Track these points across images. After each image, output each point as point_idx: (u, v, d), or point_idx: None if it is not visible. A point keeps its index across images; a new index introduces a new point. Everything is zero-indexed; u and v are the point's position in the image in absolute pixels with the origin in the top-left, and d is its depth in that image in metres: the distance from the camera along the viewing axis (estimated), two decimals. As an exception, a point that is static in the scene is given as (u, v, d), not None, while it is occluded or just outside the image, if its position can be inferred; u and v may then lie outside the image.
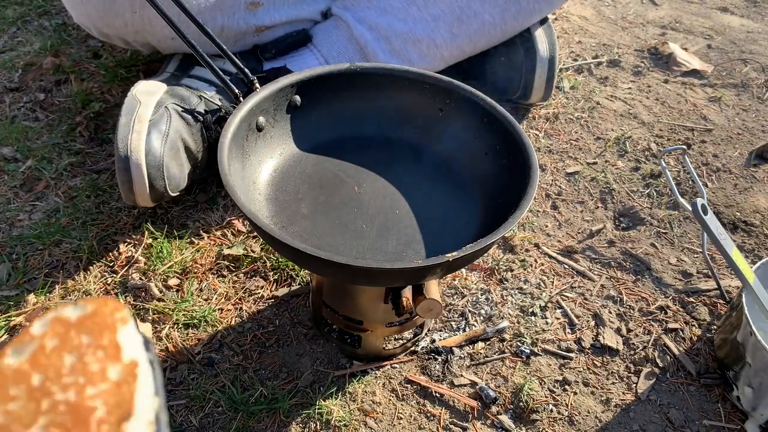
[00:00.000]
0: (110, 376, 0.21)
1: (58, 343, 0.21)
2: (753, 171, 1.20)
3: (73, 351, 0.21)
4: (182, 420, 0.75)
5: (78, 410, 0.20)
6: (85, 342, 0.22)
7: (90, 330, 0.22)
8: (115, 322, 0.22)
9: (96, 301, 0.23)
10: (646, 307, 0.93)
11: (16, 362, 0.21)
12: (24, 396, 0.20)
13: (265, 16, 1.07)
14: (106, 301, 0.23)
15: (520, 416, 0.78)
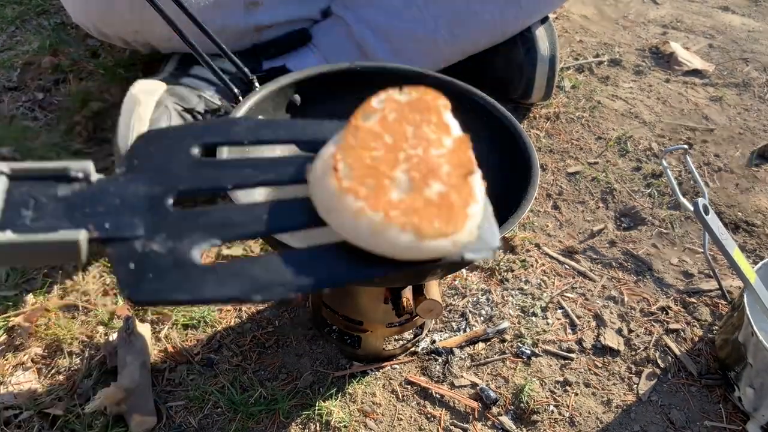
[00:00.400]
0: (446, 144, 0.25)
1: (397, 115, 0.25)
2: (755, 171, 1.19)
3: (410, 123, 0.25)
4: (181, 421, 0.75)
5: (428, 162, 0.24)
6: (418, 118, 0.25)
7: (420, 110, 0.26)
8: (438, 107, 0.26)
9: (419, 90, 0.26)
10: (647, 308, 0.93)
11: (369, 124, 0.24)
12: (382, 148, 0.23)
13: (264, 16, 1.07)
14: (427, 90, 0.26)
15: (520, 417, 0.78)
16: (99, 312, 0.86)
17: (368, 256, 0.22)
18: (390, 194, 0.22)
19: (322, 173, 0.23)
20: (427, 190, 0.23)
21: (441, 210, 0.22)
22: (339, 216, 0.22)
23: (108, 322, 0.85)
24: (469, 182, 0.24)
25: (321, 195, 0.23)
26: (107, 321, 0.85)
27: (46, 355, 0.81)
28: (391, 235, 0.21)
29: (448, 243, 0.22)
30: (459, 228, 0.22)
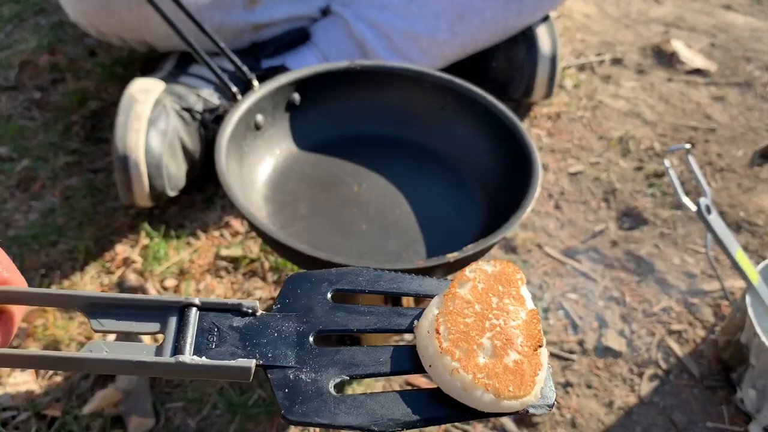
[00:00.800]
0: (521, 316, 0.30)
1: (485, 286, 0.31)
2: (757, 170, 1.19)
3: (495, 294, 0.31)
4: (179, 422, 0.74)
5: (507, 333, 0.29)
6: (501, 290, 0.31)
7: (502, 282, 0.32)
8: (517, 280, 0.32)
9: (502, 263, 0.33)
10: (649, 309, 0.92)
11: (463, 293, 0.31)
12: (473, 315, 0.30)
13: (263, 14, 1.06)
14: (509, 263, 0.33)
15: (521, 419, 0.77)
16: (97, 313, 0.85)
17: (456, 403, 0.28)
18: (477, 358, 0.28)
19: (427, 333, 0.29)
20: (506, 357, 0.29)
21: (516, 376, 0.28)
22: (438, 371, 0.28)
23: (106, 323, 0.84)
24: (537, 354, 0.29)
25: (425, 351, 0.29)
26: (105, 322, 0.84)
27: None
28: (477, 394, 0.27)
29: (518, 403, 0.28)
30: (528, 392, 0.28)
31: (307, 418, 0.26)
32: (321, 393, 0.27)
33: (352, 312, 0.30)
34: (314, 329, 0.29)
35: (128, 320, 0.27)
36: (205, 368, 0.26)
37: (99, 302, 0.27)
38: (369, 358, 0.29)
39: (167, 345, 0.26)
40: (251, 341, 0.28)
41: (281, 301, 0.30)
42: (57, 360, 0.26)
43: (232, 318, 0.28)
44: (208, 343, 0.27)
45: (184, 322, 0.27)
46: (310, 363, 0.28)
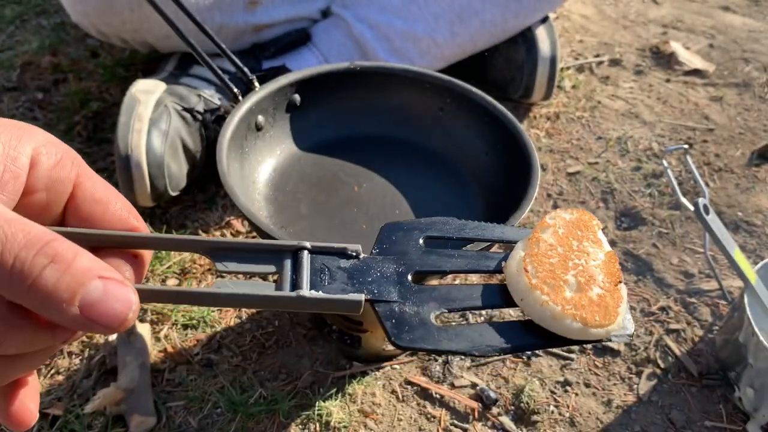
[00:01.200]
0: (599, 257, 0.33)
1: (565, 231, 0.34)
2: (755, 171, 1.19)
3: (574, 238, 0.34)
4: (181, 421, 0.74)
5: (589, 271, 0.32)
6: (580, 234, 0.34)
7: (580, 228, 0.34)
8: (593, 226, 0.35)
9: (578, 211, 0.36)
10: (647, 308, 0.93)
11: (546, 237, 0.33)
12: (557, 256, 0.33)
13: (264, 15, 1.07)
14: (584, 211, 0.36)
15: (521, 417, 0.78)
16: (98, 312, 0.86)
17: (547, 333, 0.31)
18: (564, 293, 0.31)
19: (516, 271, 0.32)
20: (590, 292, 0.32)
21: (600, 308, 0.31)
22: (529, 304, 0.31)
23: (107, 322, 0.85)
24: (618, 289, 0.32)
25: (515, 287, 0.32)
26: (107, 321, 0.85)
27: (45, 355, 0.81)
28: (566, 323, 0.30)
29: (603, 331, 0.31)
30: (612, 322, 0.31)
31: (415, 343, 0.29)
32: (424, 323, 0.30)
33: (443, 255, 0.33)
34: (411, 270, 0.32)
35: (248, 263, 0.29)
36: (322, 301, 0.28)
37: (221, 247, 0.29)
38: (463, 294, 0.32)
39: (285, 282, 0.29)
40: (358, 279, 0.30)
41: (379, 246, 0.33)
42: (192, 295, 0.28)
43: (338, 260, 0.31)
44: (321, 281, 0.30)
45: (298, 263, 0.29)
46: (412, 298, 0.30)
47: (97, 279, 0.23)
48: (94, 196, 0.28)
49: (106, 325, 0.23)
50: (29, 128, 0.27)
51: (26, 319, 0.24)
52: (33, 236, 0.23)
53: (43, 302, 0.23)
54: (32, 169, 0.26)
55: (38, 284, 0.22)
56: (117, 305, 0.23)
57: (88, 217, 0.28)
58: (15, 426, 0.28)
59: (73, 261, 0.23)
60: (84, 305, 0.23)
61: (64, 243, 0.23)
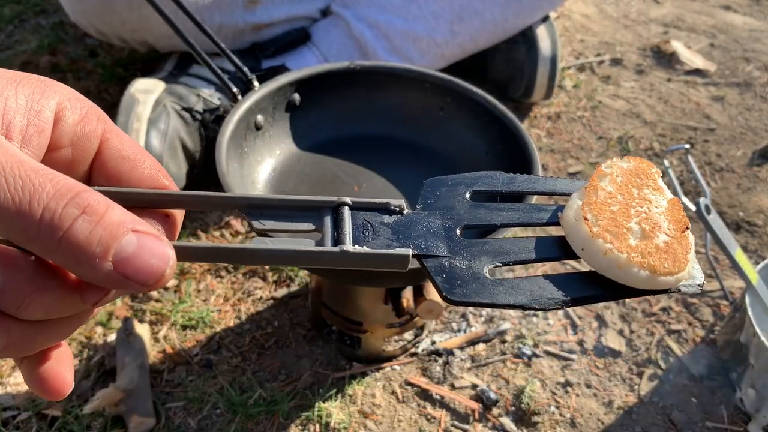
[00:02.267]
0: (662, 204, 0.31)
1: (623, 179, 0.32)
2: (756, 170, 1.19)
3: (634, 185, 0.32)
4: (180, 422, 0.74)
5: (652, 218, 0.30)
6: (639, 182, 0.32)
7: (639, 176, 0.32)
8: (653, 173, 0.33)
9: (635, 159, 0.33)
10: (648, 308, 0.92)
11: (604, 185, 0.32)
12: (617, 204, 0.31)
13: (263, 14, 1.06)
14: (642, 160, 0.34)
15: (521, 418, 0.77)
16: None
17: (612, 283, 0.29)
18: (629, 240, 0.29)
19: (575, 220, 0.30)
20: (656, 239, 0.30)
21: (668, 255, 0.29)
22: (592, 254, 0.29)
23: (106, 323, 0.84)
24: (686, 235, 0.30)
25: (575, 236, 0.30)
26: (106, 322, 0.84)
27: (44, 355, 0.81)
28: (633, 272, 0.28)
29: (672, 279, 0.29)
30: (682, 269, 0.29)
31: (468, 298, 0.27)
32: (477, 277, 0.28)
33: (492, 209, 0.31)
34: (459, 224, 0.30)
35: (286, 220, 0.28)
36: (367, 256, 0.27)
37: (258, 203, 0.28)
38: (518, 247, 0.30)
39: (327, 238, 0.27)
40: (403, 235, 0.29)
41: (423, 202, 0.31)
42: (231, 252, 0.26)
43: (381, 216, 0.29)
44: (364, 236, 0.28)
45: (339, 220, 0.28)
46: (462, 252, 0.29)
47: (131, 233, 0.22)
48: (122, 153, 0.27)
49: (142, 281, 0.22)
50: (52, 82, 0.26)
51: (53, 280, 0.22)
52: (62, 186, 0.21)
53: (75, 257, 0.21)
54: (57, 124, 0.25)
55: (69, 237, 0.21)
56: (153, 260, 0.22)
57: (116, 174, 0.27)
58: (50, 395, 0.26)
59: (105, 213, 0.22)
60: (118, 260, 0.21)
61: (94, 194, 0.22)
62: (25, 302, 0.22)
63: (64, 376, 0.26)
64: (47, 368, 0.26)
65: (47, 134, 0.24)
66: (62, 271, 0.23)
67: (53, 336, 0.24)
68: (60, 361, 0.26)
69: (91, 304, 0.23)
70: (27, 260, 0.22)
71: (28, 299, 0.22)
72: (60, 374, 0.26)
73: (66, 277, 0.23)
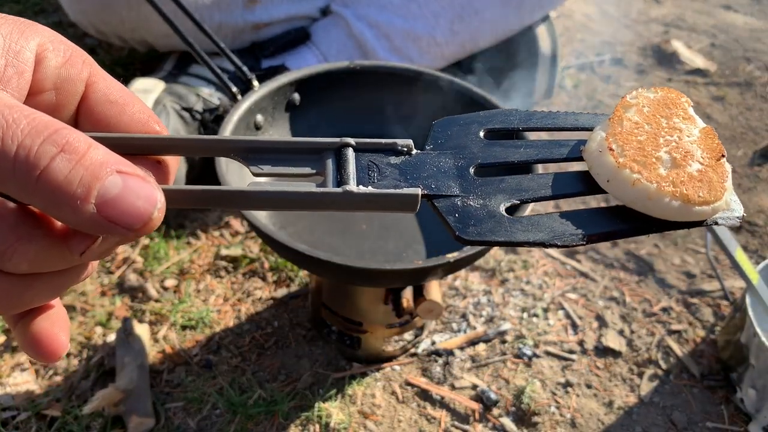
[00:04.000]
0: (694, 133, 0.29)
1: (650, 109, 0.30)
2: (757, 170, 1.19)
3: (663, 116, 0.30)
4: (180, 422, 0.74)
5: (684, 147, 0.28)
6: (668, 112, 0.30)
7: (668, 105, 0.30)
8: (683, 103, 0.31)
9: (664, 89, 0.31)
10: (649, 309, 0.92)
11: (630, 115, 0.29)
12: (645, 134, 0.28)
13: (263, 13, 1.06)
14: (671, 90, 0.31)
15: (521, 418, 0.77)
16: (97, 313, 0.85)
17: (642, 216, 0.27)
18: (659, 170, 0.27)
19: (599, 152, 0.28)
20: (688, 167, 0.27)
21: (703, 183, 0.27)
22: (618, 185, 0.27)
23: (106, 323, 0.84)
24: (722, 163, 0.28)
25: (600, 168, 0.28)
26: (105, 322, 0.84)
27: (43, 355, 0.81)
28: (664, 202, 0.26)
29: (709, 209, 0.26)
30: (719, 198, 0.26)
31: (483, 236, 0.26)
32: (493, 215, 0.26)
33: (509, 146, 0.29)
34: (473, 163, 0.28)
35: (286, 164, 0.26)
36: (372, 197, 0.25)
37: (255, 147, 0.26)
38: (537, 183, 0.28)
39: (329, 180, 0.26)
40: (412, 175, 0.27)
41: (433, 142, 0.29)
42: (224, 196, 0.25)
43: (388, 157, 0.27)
44: (370, 178, 0.26)
45: (342, 161, 0.26)
46: (476, 191, 0.27)
47: (116, 174, 0.20)
48: (109, 97, 0.25)
49: (127, 225, 0.20)
50: (33, 23, 0.24)
51: (38, 229, 0.21)
52: (39, 123, 0.20)
53: (54, 199, 0.20)
54: (38, 66, 0.24)
55: (47, 176, 0.19)
56: (139, 202, 0.20)
57: (103, 119, 0.25)
58: (43, 357, 0.25)
59: (86, 152, 0.20)
60: (101, 203, 0.20)
61: (75, 132, 0.20)
62: (8, 252, 0.21)
63: (58, 337, 0.25)
64: (41, 329, 0.25)
65: (28, 76, 0.23)
66: (48, 220, 0.22)
67: (43, 292, 0.23)
68: (54, 322, 0.25)
69: (78, 253, 0.22)
70: (8, 208, 0.21)
71: (12, 249, 0.21)
72: (54, 335, 0.25)
73: (52, 227, 0.22)
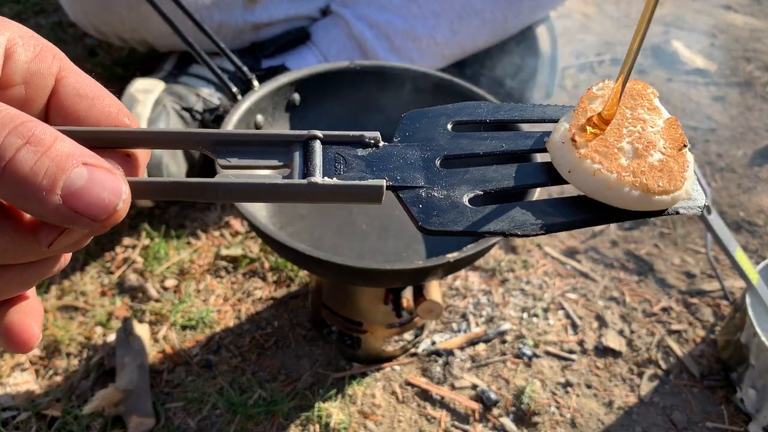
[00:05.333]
0: (658, 123, 0.29)
1: None
2: (757, 170, 1.19)
3: (627, 106, 0.30)
4: (180, 422, 0.74)
5: (647, 137, 0.28)
6: (633, 103, 0.30)
7: (633, 96, 0.30)
8: (649, 94, 0.31)
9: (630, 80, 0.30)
10: (649, 308, 0.92)
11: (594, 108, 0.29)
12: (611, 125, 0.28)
13: (263, 13, 1.06)
14: (637, 80, 0.31)
15: (521, 419, 0.77)
16: (97, 313, 0.85)
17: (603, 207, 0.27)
18: (620, 160, 0.27)
19: (562, 143, 0.28)
20: (650, 157, 0.28)
21: (663, 173, 0.27)
22: (579, 176, 0.27)
23: (106, 323, 0.84)
24: (683, 153, 0.28)
25: (562, 159, 0.28)
26: (105, 322, 0.84)
27: (43, 356, 0.81)
28: (624, 191, 0.26)
29: (669, 199, 0.27)
30: (679, 187, 0.27)
31: (446, 227, 0.26)
32: (456, 206, 0.27)
33: (475, 138, 0.30)
34: (439, 154, 0.29)
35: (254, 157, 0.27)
36: (337, 188, 0.26)
37: (223, 140, 0.27)
38: (500, 174, 0.29)
39: (295, 172, 0.26)
40: (378, 167, 0.28)
41: (401, 134, 0.30)
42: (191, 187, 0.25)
43: (355, 149, 0.28)
44: (336, 170, 0.27)
45: (309, 154, 0.27)
46: (441, 182, 0.28)
47: (82, 165, 0.21)
48: (79, 92, 0.26)
49: (93, 216, 0.21)
50: (2, 19, 0.24)
51: (6, 221, 0.22)
52: (5, 116, 0.20)
53: (20, 190, 0.20)
54: (7, 61, 0.24)
55: (13, 168, 0.20)
56: (105, 194, 0.21)
57: (73, 113, 0.25)
58: (15, 347, 0.25)
59: (53, 144, 0.20)
60: (67, 194, 0.20)
61: (41, 125, 0.21)
62: None
63: (30, 328, 0.26)
64: (13, 320, 0.25)
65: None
66: (15, 211, 0.22)
67: (13, 283, 0.23)
68: (26, 313, 0.26)
69: (46, 245, 0.22)
70: None
71: None
72: (26, 326, 0.25)
73: (20, 218, 0.22)
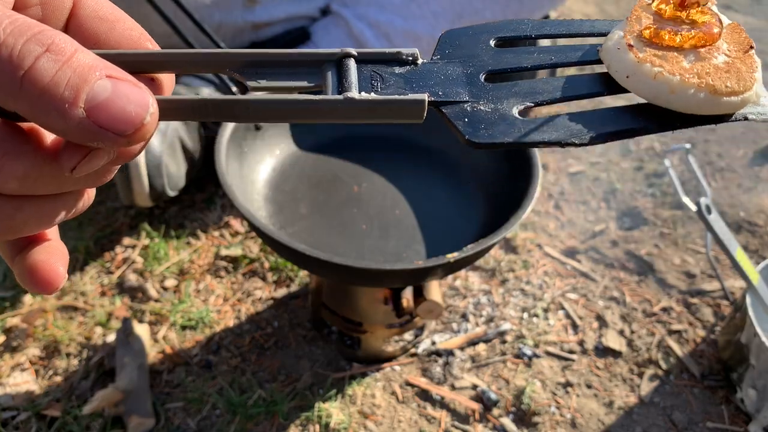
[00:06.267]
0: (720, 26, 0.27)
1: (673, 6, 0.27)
2: (757, 170, 1.19)
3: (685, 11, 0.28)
4: (179, 423, 0.74)
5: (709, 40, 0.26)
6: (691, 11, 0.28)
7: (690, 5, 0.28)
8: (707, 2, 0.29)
9: None
10: (649, 309, 0.92)
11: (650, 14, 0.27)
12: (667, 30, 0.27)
13: (262, 13, 1.06)
14: None
15: (521, 419, 0.77)
16: (97, 313, 0.85)
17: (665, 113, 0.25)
18: (682, 63, 0.26)
19: (617, 49, 0.27)
20: (714, 60, 0.26)
21: (730, 74, 0.25)
22: (639, 80, 0.25)
23: (106, 323, 0.84)
24: (750, 55, 0.27)
25: (619, 65, 0.26)
26: (105, 322, 0.84)
27: (43, 356, 0.81)
28: (689, 94, 0.25)
29: (738, 100, 0.25)
30: (749, 87, 0.25)
31: (495, 139, 0.25)
32: (505, 118, 0.25)
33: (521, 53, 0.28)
34: (483, 70, 0.27)
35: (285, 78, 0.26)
36: (375, 103, 0.24)
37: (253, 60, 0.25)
38: (552, 86, 0.27)
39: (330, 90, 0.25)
40: (418, 83, 0.26)
41: (440, 52, 0.28)
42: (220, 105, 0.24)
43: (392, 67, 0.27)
44: (373, 87, 0.25)
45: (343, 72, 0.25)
46: (487, 96, 0.26)
47: (105, 78, 0.19)
48: (98, 14, 0.24)
49: (118, 130, 0.19)
50: None
51: (26, 145, 0.21)
52: (22, 23, 0.19)
53: (40, 102, 0.19)
54: None
55: (32, 77, 0.18)
56: (130, 107, 0.19)
57: (93, 36, 0.24)
58: (41, 287, 0.24)
59: (74, 54, 0.19)
60: (90, 107, 0.19)
61: (61, 34, 0.19)
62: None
63: (56, 267, 0.24)
64: (37, 260, 0.24)
65: None
66: (37, 136, 0.21)
67: (35, 216, 0.22)
68: (51, 253, 0.25)
69: (68, 169, 0.21)
70: None
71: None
72: (51, 265, 0.24)
73: (41, 143, 0.21)
